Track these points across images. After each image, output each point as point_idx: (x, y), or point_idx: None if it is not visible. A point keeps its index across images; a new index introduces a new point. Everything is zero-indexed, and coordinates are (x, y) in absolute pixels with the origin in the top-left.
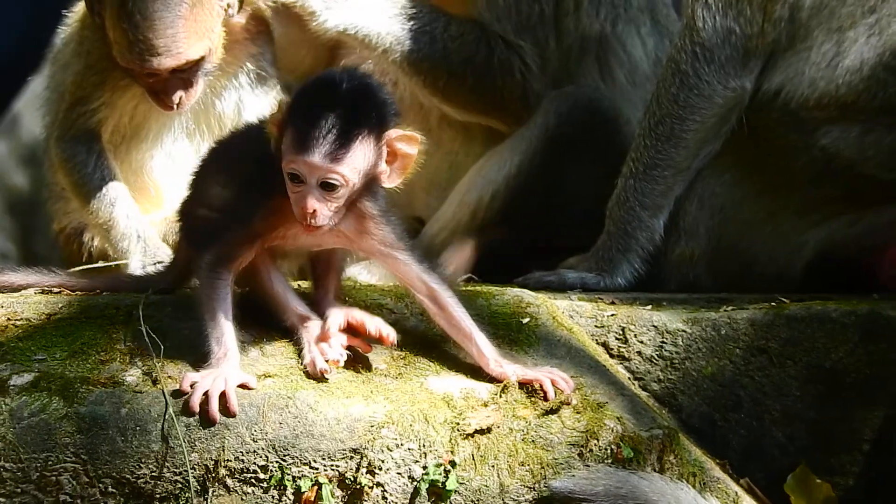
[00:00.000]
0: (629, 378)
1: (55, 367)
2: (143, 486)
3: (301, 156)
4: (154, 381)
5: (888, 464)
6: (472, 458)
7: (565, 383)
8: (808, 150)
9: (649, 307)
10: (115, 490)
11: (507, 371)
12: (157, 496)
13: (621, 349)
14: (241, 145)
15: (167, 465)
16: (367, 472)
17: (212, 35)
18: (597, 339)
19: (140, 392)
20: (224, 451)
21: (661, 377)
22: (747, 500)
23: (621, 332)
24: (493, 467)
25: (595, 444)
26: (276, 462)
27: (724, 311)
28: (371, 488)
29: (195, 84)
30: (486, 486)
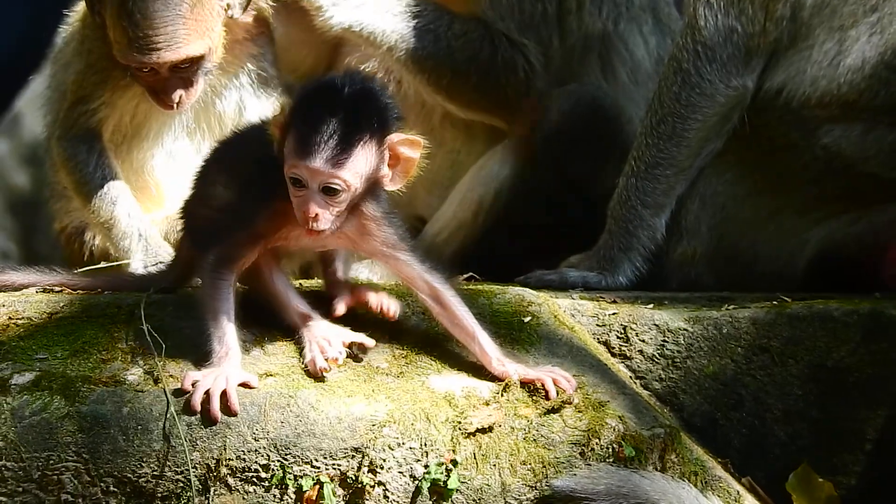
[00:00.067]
0: (631, 377)
1: (57, 366)
2: (144, 485)
3: (303, 161)
4: (156, 380)
5: (890, 463)
6: (474, 457)
7: (567, 382)
8: (810, 148)
9: (651, 306)
10: (116, 489)
11: (510, 370)
12: (159, 495)
13: (623, 348)
14: (245, 146)
15: (169, 464)
16: (368, 471)
17: (212, 34)
18: (598, 338)
19: (142, 391)
20: (226, 450)
21: (663, 376)
22: (749, 499)
23: (623, 331)
24: (494, 466)
25: (597, 443)
26: (278, 461)
27: (726, 309)
28: (373, 487)
29: (195, 83)
30: (487, 484)
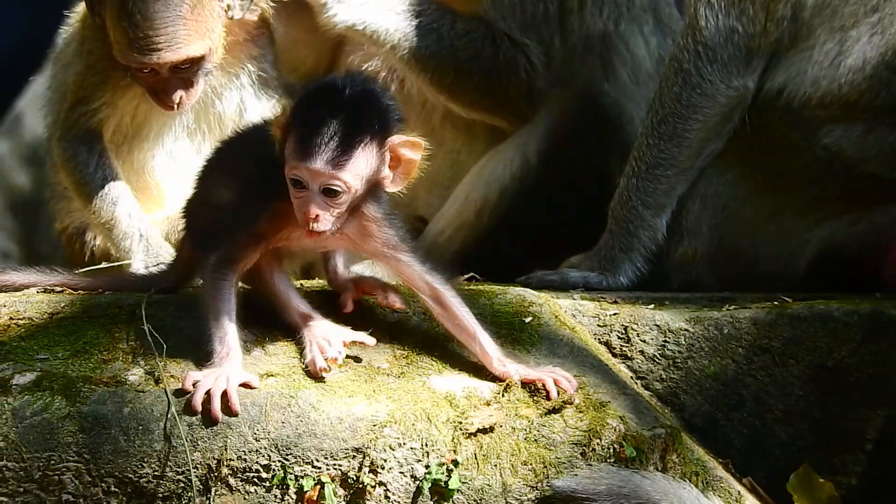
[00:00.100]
0: (632, 377)
1: (58, 366)
2: (145, 485)
3: (303, 162)
4: (156, 381)
5: (891, 463)
6: (475, 458)
7: (568, 383)
8: (811, 149)
9: (652, 306)
10: (117, 489)
11: (511, 370)
12: (160, 495)
13: (624, 348)
14: (246, 146)
15: (170, 464)
16: (369, 472)
17: (212, 35)
18: (599, 339)
19: (142, 391)
20: (226, 450)
21: (664, 376)
22: (750, 500)
23: (624, 332)
24: (495, 466)
25: (598, 444)
26: (279, 461)
27: (727, 310)
28: (374, 487)
29: (195, 84)
30: (488, 485)
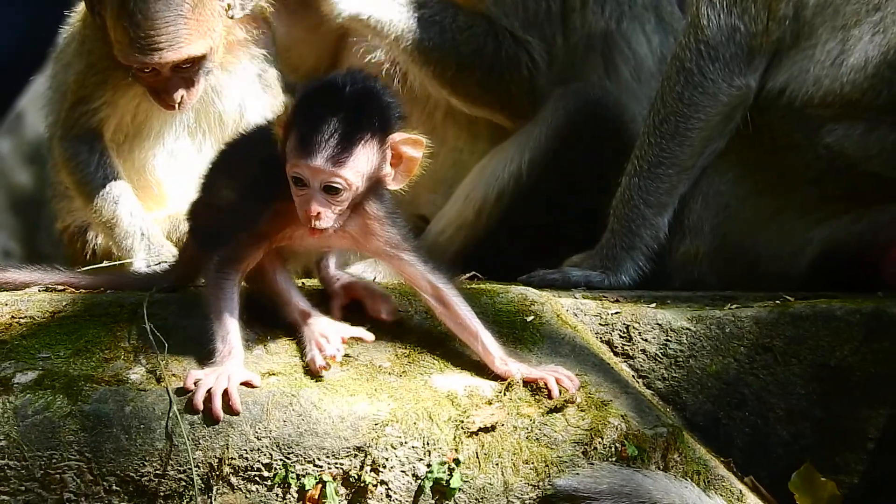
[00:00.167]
0: (633, 376)
1: (59, 364)
2: (147, 484)
3: (304, 160)
4: (158, 379)
5: (893, 462)
6: (477, 456)
7: (570, 382)
8: (813, 148)
9: (653, 305)
10: (119, 488)
11: (513, 369)
12: (162, 494)
13: (625, 347)
14: (250, 147)
15: (171, 463)
16: (371, 470)
17: (213, 34)
18: (601, 337)
19: (144, 390)
20: (228, 448)
21: (666, 375)
22: (752, 499)
23: (625, 330)
24: (497, 465)
25: (599, 443)
26: (281, 460)
27: (729, 309)
28: (375, 486)
29: (196, 83)
30: (490, 484)
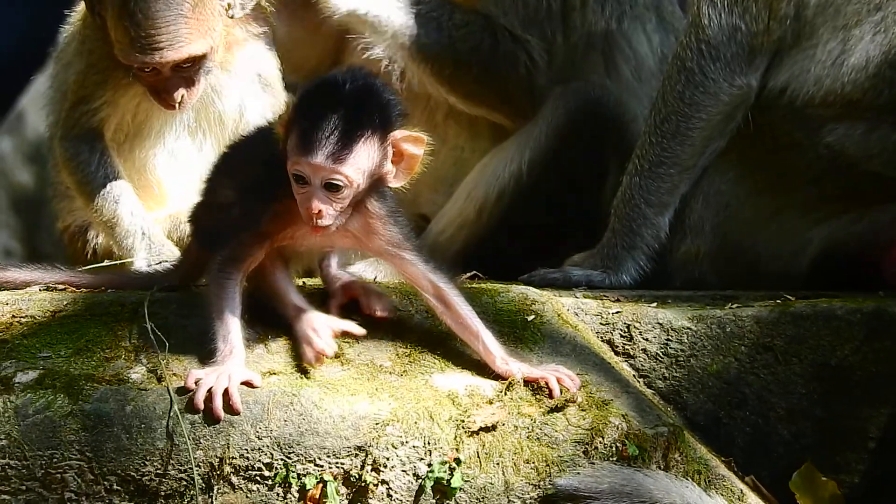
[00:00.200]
0: (634, 375)
1: (60, 364)
2: (147, 483)
3: (304, 157)
4: (159, 379)
5: (894, 461)
6: (478, 456)
7: (571, 381)
8: (814, 147)
9: (654, 304)
10: (119, 487)
11: (513, 369)
12: (162, 493)
13: (626, 346)
14: (252, 147)
15: (172, 462)
16: (371, 470)
17: (213, 34)
18: (602, 337)
19: (145, 389)
20: (229, 448)
21: (666, 374)
22: (752, 498)
23: (626, 330)
24: (498, 465)
25: (600, 442)
26: (281, 459)
27: (730, 308)
28: (376, 486)
29: (197, 83)
30: (491, 483)
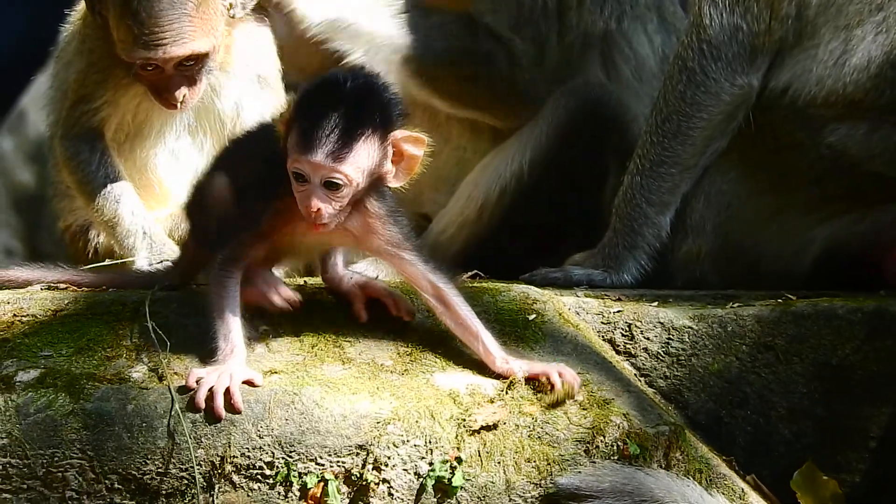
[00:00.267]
0: (635, 375)
1: (61, 363)
2: (149, 482)
3: (304, 155)
4: (160, 378)
5: (895, 461)
6: (479, 455)
7: (572, 377)
8: (816, 147)
9: (655, 304)
10: (121, 486)
11: (514, 367)
12: (164, 492)
13: (627, 346)
14: (251, 145)
15: (173, 461)
16: (373, 469)
17: (215, 32)
18: (603, 336)
19: (146, 388)
20: (230, 447)
21: (668, 374)
22: (753, 497)
23: (627, 329)
24: (499, 464)
25: (601, 441)
26: (283, 458)
27: (731, 307)
28: (377, 485)
29: (198, 82)
30: (492, 482)
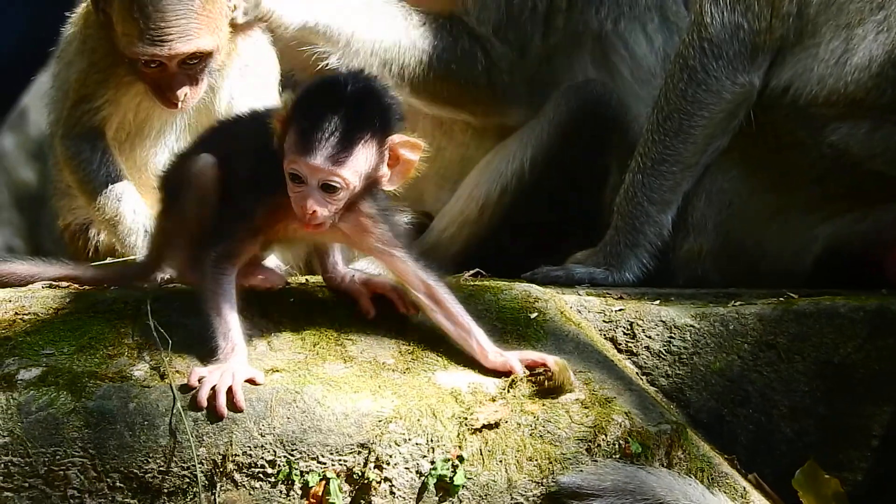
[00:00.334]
0: (637, 373)
1: (63, 361)
2: (150, 480)
3: (303, 157)
4: (162, 376)
5: None
6: (480, 453)
7: (565, 364)
8: (817, 146)
9: (657, 302)
10: (122, 485)
11: (509, 357)
12: (165, 491)
13: (629, 344)
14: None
15: (175, 459)
16: (374, 467)
17: (220, 32)
18: (605, 334)
19: (148, 387)
20: (232, 445)
21: (669, 372)
22: (755, 496)
23: (629, 327)
24: (500, 462)
25: (603, 439)
26: (284, 457)
27: (733, 306)
28: (379, 483)
29: (201, 81)
30: (493, 480)
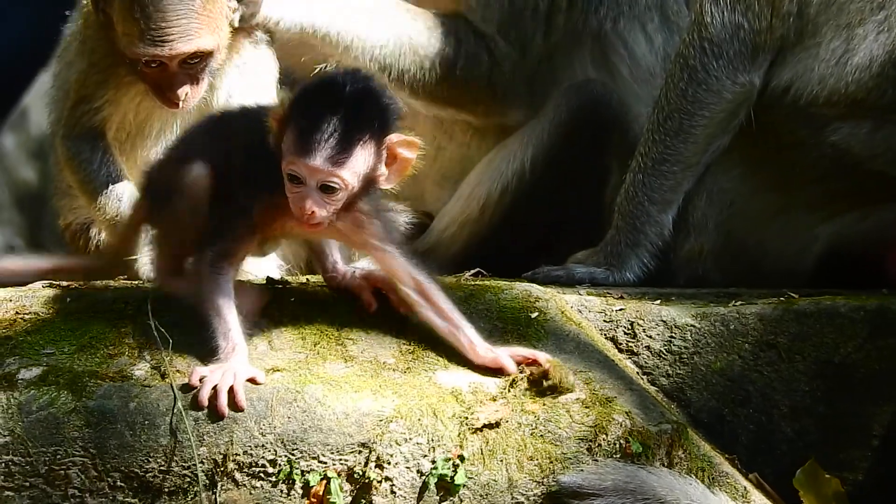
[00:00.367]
0: (638, 373)
1: (63, 360)
2: (151, 479)
3: (302, 158)
4: (163, 376)
5: None
6: (481, 453)
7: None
8: (818, 146)
9: (658, 302)
10: (123, 484)
11: (500, 354)
12: (166, 490)
13: (630, 344)
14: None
15: (176, 459)
16: (375, 467)
17: (220, 32)
18: (605, 334)
19: (149, 386)
20: (232, 445)
21: (670, 372)
22: (756, 495)
23: (630, 327)
24: (501, 462)
25: (604, 439)
26: (285, 456)
27: (733, 305)
28: (380, 482)
29: (201, 81)
30: (494, 480)
